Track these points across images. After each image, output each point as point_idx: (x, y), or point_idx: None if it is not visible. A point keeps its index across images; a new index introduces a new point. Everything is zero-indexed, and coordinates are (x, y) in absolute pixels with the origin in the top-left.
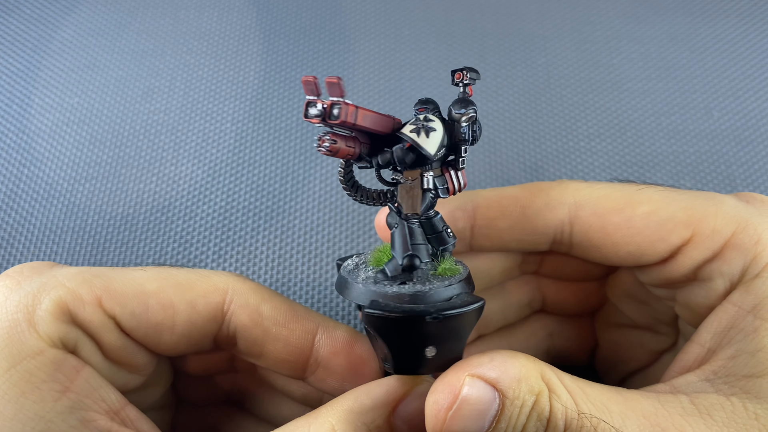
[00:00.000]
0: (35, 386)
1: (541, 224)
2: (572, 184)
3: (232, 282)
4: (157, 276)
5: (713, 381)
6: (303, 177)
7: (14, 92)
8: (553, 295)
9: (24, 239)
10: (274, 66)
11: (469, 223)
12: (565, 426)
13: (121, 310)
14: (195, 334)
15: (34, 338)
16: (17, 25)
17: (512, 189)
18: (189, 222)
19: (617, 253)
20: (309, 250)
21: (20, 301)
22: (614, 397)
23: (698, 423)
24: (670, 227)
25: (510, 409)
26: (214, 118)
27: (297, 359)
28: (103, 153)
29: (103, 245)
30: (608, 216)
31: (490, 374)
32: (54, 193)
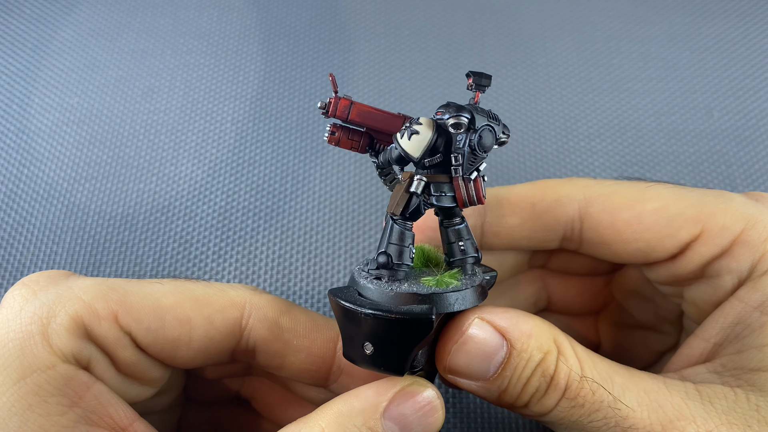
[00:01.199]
0: (43, 400)
1: (552, 221)
2: (581, 180)
3: (249, 296)
4: (173, 290)
5: (721, 373)
6: (303, 177)
7: (14, 92)
8: (559, 293)
9: (24, 239)
10: (274, 66)
11: (479, 220)
12: (566, 386)
13: (137, 325)
14: (212, 350)
15: (46, 352)
16: (17, 25)
17: (521, 186)
18: (189, 222)
19: (626, 250)
20: (309, 250)
21: (35, 312)
22: (620, 371)
23: (698, 407)
24: (680, 223)
25: (516, 360)
26: (214, 118)
27: (320, 368)
28: (103, 153)
29: (103, 245)
30: (618, 212)
31: (501, 323)
32: (54, 193)
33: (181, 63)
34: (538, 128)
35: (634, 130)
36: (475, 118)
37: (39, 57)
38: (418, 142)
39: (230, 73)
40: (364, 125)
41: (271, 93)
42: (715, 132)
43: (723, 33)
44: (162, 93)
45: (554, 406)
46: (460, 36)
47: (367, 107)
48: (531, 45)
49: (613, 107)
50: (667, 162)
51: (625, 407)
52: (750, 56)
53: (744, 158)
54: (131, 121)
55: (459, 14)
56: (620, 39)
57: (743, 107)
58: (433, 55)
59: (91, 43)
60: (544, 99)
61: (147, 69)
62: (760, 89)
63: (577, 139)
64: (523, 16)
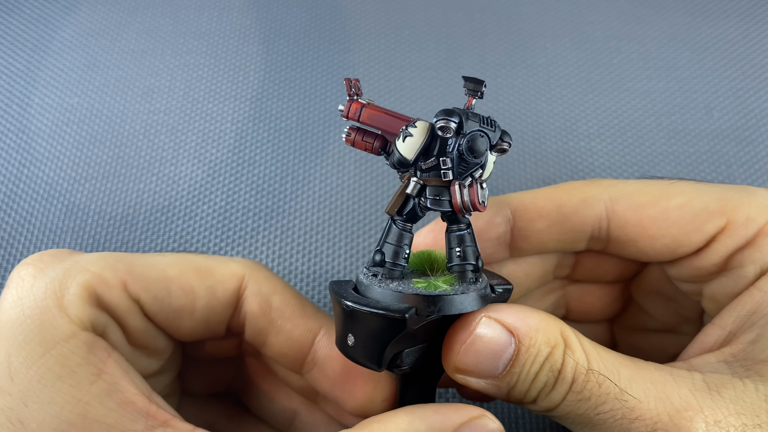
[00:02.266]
0: (71, 370)
1: (579, 222)
2: (605, 181)
3: (249, 269)
4: (177, 261)
5: (731, 363)
6: (303, 177)
7: (14, 92)
8: (577, 301)
9: (24, 239)
10: (274, 66)
11: (508, 227)
12: (573, 379)
13: (145, 294)
14: (213, 319)
15: (65, 322)
16: (17, 24)
17: (546, 190)
18: (189, 222)
19: (653, 246)
20: (309, 250)
21: (47, 287)
22: (627, 363)
23: (705, 398)
24: (705, 217)
25: (525, 355)
26: (214, 118)
27: (296, 354)
28: (103, 153)
29: (103, 245)
30: (643, 209)
31: (508, 319)
32: (54, 193)
33: (181, 63)
34: (538, 128)
35: (634, 130)
36: (463, 122)
37: (39, 57)
38: (411, 145)
39: (230, 73)
40: (374, 127)
41: (271, 93)
42: (715, 132)
43: (723, 33)
44: (162, 93)
45: (561, 400)
46: (460, 36)
47: (377, 110)
48: (531, 45)
49: (613, 107)
50: (667, 162)
51: (631, 398)
52: (750, 56)
53: (744, 158)
54: (131, 121)
55: (459, 14)
56: (620, 39)
57: (743, 107)
58: (433, 55)
59: (91, 43)
60: (544, 99)
61: (147, 69)
62: (760, 89)
63: (577, 139)
64: (523, 16)
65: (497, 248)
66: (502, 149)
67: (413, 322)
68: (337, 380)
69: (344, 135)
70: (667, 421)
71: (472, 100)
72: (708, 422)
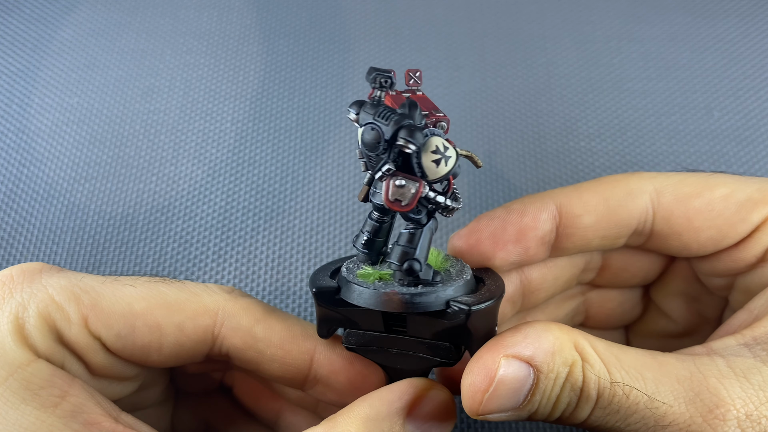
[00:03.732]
0: (34, 393)
1: (626, 215)
2: (645, 174)
3: (223, 302)
4: (145, 294)
5: (752, 346)
6: (303, 177)
7: (14, 92)
8: (597, 307)
9: (24, 239)
10: (274, 66)
11: (554, 224)
12: (598, 395)
13: (106, 331)
14: (183, 355)
15: (24, 350)
16: (17, 24)
17: (590, 183)
18: (189, 222)
19: (698, 239)
20: (309, 250)
21: (11, 312)
22: (649, 363)
23: (734, 385)
24: (750, 207)
25: (544, 382)
26: (213, 118)
27: (295, 376)
28: (102, 153)
29: (103, 245)
30: (689, 200)
31: (525, 352)
32: (54, 193)
33: (181, 63)
34: (538, 128)
35: (634, 130)
36: (361, 114)
37: (39, 57)
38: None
39: (230, 73)
40: None
41: (271, 93)
42: (715, 132)
43: (723, 33)
44: (162, 93)
45: (588, 416)
46: (460, 36)
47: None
48: (531, 45)
49: (613, 107)
50: (668, 162)
51: (661, 404)
52: (750, 56)
53: (744, 158)
54: (131, 120)
55: (459, 14)
56: (620, 39)
57: (743, 107)
58: (433, 55)
59: (91, 43)
60: (544, 99)
61: (147, 69)
62: (760, 89)
63: (578, 139)
64: (523, 16)
65: (539, 249)
66: (400, 146)
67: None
68: (345, 392)
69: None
70: (700, 423)
71: (373, 91)
72: (740, 418)
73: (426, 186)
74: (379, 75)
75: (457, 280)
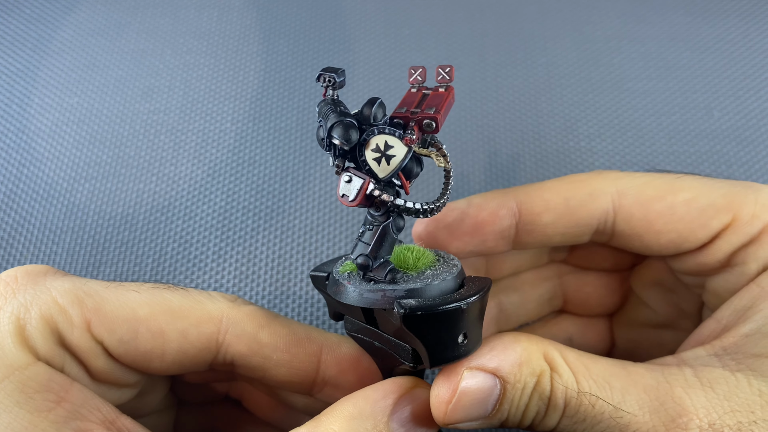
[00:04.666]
0: (29, 396)
1: (586, 215)
2: (611, 173)
3: (227, 310)
4: (149, 300)
5: (721, 356)
6: (303, 177)
7: (14, 92)
8: (575, 291)
9: (24, 239)
10: (274, 66)
11: (513, 220)
12: (565, 404)
13: (109, 336)
14: (187, 362)
15: (24, 352)
16: (17, 24)
17: (552, 182)
18: (189, 222)
19: (659, 241)
20: (309, 250)
21: (13, 312)
22: (617, 372)
23: (699, 395)
24: (711, 213)
25: (512, 392)
26: (213, 117)
27: (302, 381)
28: (102, 153)
29: (103, 245)
30: (650, 204)
31: (490, 364)
32: (54, 193)
33: (181, 63)
34: (539, 128)
35: (634, 130)
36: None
37: (39, 57)
38: None
39: (230, 73)
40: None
41: (271, 93)
42: (715, 132)
43: (723, 33)
44: (162, 93)
45: (557, 424)
46: (460, 36)
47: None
48: (531, 45)
49: (613, 107)
50: (667, 162)
51: (626, 414)
52: (750, 56)
53: (744, 158)
54: (131, 121)
55: (459, 14)
56: (620, 39)
57: (743, 107)
58: (433, 55)
59: (91, 43)
60: (545, 99)
61: (147, 69)
62: (760, 89)
63: (578, 139)
64: (523, 16)
65: (498, 242)
66: (334, 144)
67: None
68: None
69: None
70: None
71: (326, 90)
72: (702, 427)
73: (372, 183)
74: (325, 74)
75: (417, 280)
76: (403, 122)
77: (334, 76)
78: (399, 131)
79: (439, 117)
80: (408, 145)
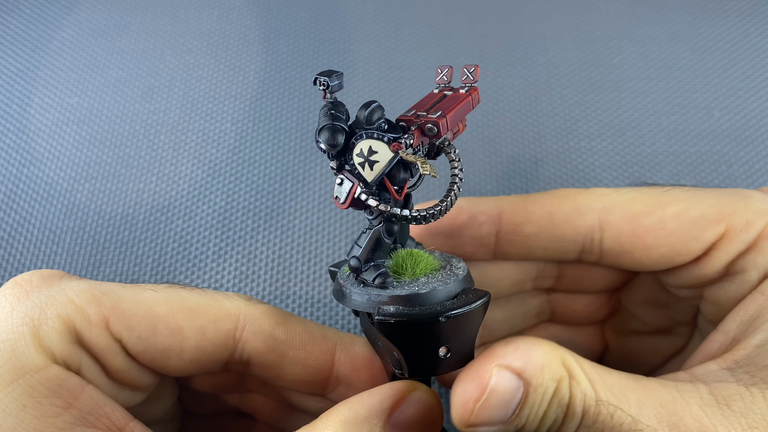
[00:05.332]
0: (37, 401)
1: (570, 230)
2: (598, 190)
3: (244, 307)
4: (167, 298)
5: (734, 370)
6: (303, 177)
7: (14, 92)
8: (563, 307)
9: (24, 239)
10: (274, 66)
11: (493, 228)
12: (583, 412)
13: (128, 333)
14: (204, 360)
15: (38, 354)
16: (17, 24)
17: (538, 195)
18: (189, 222)
19: (650, 257)
20: (309, 250)
21: (27, 313)
22: (632, 385)
23: (716, 413)
24: (703, 225)
25: (533, 396)
26: (213, 117)
27: (317, 379)
28: (102, 153)
29: (103, 245)
30: (638, 219)
31: (516, 364)
32: (54, 193)
33: (181, 63)
34: (539, 128)
35: (634, 130)
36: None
37: (39, 57)
38: None
39: (230, 73)
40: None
41: (271, 93)
42: (716, 132)
43: (723, 33)
44: (162, 93)
45: None
46: (460, 36)
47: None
48: (531, 45)
49: (613, 107)
50: (667, 162)
51: (645, 427)
52: (750, 56)
53: (744, 158)
54: (131, 121)
55: (459, 14)
56: (620, 39)
57: (743, 107)
58: (433, 55)
59: (91, 43)
60: (545, 99)
61: (147, 69)
62: (760, 89)
63: (578, 139)
64: (523, 16)
65: (478, 248)
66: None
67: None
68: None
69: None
70: None
71: (324, 93)
72: None
73: (360, 187)
74: (319, 78)
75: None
76: (406, 125)
77: (327, 80)
78: (389, 136)
79: (441, 121)
80: (395, 151)
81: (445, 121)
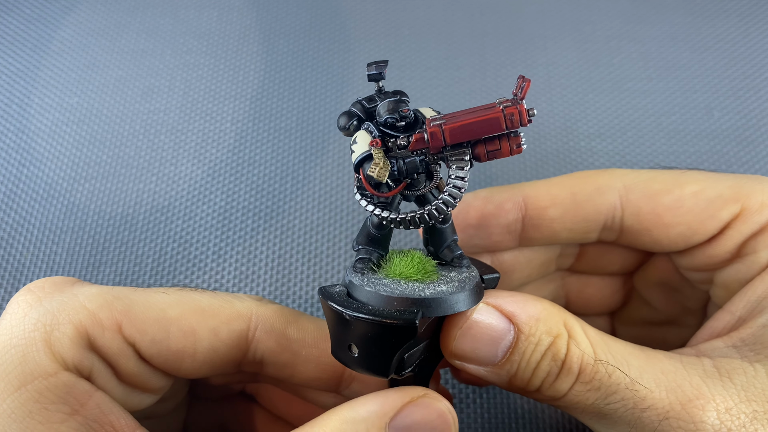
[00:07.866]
0: (43, 407)
1: (593, 210)
2: (617, 171)
3: (256, 307)
4: (179, 301)
5: (740, 348)
6: (303, 177)
7: (14, 92)
8: (577, 293)
9: (24, 239)
10: (274, 66)
11: (520, 214)
12: (580, 370)
13: (141, 337)
14: (217, 361)
15: (48, 359)
16: (17, 24)
17: (560, 178)
18: (189, 222)
19: (668, 235)
20: (309, 250)
21: (39, 319)
22: (636, 353)
23: (716, 384)
24: (720, 204)
25: (524, 344)
26: (213, 118)
27: (330, 376)
28: (102, 153)
29: (103, 245)
30: (658, 197)
31: (507, 307)
32: (53, 193)
33: (181, 63)
34: (539, 128)
35: (634, 130)
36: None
37: (39, 57)
38: None
39: (230, 73)
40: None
41: (271, 93)
42: (716, 132)
43: (723, 33)
44: (162, 93)
45: (568, 389)
46: (460, 36)
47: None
48: (531, 45)
49: (613, 107)
50: (667, 162)
51: (642, 388)
52: (750, 56)
53: (744, 158)
54: (131, 121)
55: (459, 14)
56: (620, 39)
57: (743, 107)
58: (433, 55)
59: (91, 43)
60: (545, 99)
61: (147, 69)
62: (760, 89)
63: (578, 139)
64: (523, 16)
65: (505, 236)
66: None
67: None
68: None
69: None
70: (679, 410)
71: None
72: (719, 410)
73: (356, 177)
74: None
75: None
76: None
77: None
78: (377, 132)
79: (434, 131)
80: (371, 146)
81: (438, 131)
